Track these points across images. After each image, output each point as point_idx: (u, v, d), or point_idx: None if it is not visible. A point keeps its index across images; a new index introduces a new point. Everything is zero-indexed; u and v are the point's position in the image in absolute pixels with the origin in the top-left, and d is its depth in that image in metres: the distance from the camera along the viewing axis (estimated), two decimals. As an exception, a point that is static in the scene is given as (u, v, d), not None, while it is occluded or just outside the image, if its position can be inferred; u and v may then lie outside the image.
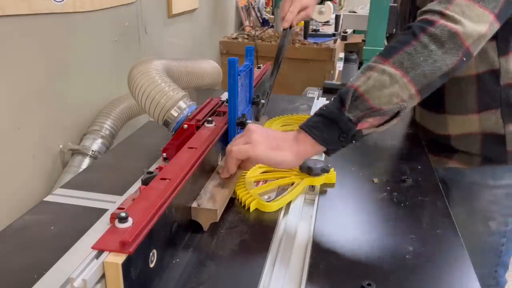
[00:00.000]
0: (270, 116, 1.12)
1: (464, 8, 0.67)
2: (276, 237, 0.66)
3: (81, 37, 1.18)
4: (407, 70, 0.66)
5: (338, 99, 0.68)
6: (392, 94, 0.66)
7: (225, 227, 0.68)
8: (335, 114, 0.67)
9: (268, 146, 0.70)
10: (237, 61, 0.78)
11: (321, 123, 0.68)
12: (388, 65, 0.67)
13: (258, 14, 2.78)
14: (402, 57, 0.66)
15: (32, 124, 1.04)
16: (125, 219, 0.49)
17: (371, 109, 0.66)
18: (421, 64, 0.66)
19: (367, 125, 0.68)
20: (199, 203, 0.66)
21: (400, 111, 0.67)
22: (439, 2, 0.69)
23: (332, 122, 0.67)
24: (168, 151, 0.86)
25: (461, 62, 0.67)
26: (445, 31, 0.66)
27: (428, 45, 0.66)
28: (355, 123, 0.67)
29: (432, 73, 0.66)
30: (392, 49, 0.68)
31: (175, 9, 1.71)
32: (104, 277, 0.45)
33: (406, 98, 0.66)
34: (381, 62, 0.67)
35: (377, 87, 0.66)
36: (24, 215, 0.70)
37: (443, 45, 0.66)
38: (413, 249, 0.64)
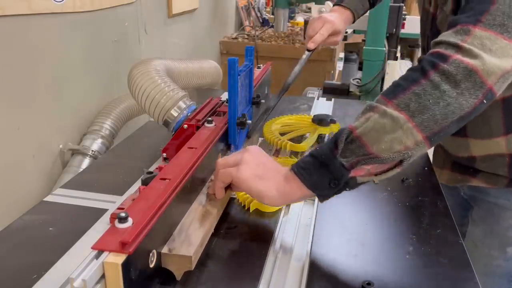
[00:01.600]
0: (270, 116, 1.12)
1: (484, 41, 0.57)
2: (276, 237, 0.66)
3: (81, 37, 1.18)
4: (413, 114, 0.56)
5: (333, 139, 0.60)
6: (394, 140, 0.56)
7: (225, 227, 0.68)
8: (326, 157, 0.59)
9: (255, 172, 0.63)
10: (237, 61, 0.78)
11: (312, 165, 0.60)
12: (391, 106, 0.57)
13: (258, 14, 2.78)
14: (409, 98, 0.57)
15: (32, 124, 1.04)
16: (125, 219, 0.49)
17: (368, 155, 0.57)
18: (430, 107, 0.56)
19: (363, 173, 0.59)
20: (171, 248, 0.56)
21: (403, 160, 0.58)
22: (455, 33, 0.59)
23: (323, 166, 0.59)
24: (168, 151, 0.86)
25: (481, 104, 0.57)
26: (460, 68, 0.56)
27: (440, 85, 0.56)
28: (347, 169, 0.58)
29: (444, 117, 0.56)
30: (398, 88, 0.59)
31: (175, 9, 1.71)
32: (104, 277, 0.45)
33: (411, 145, 0.57)
34: (384, 102, 0.58)
35: (377, 130, 0.57)
36: (24, 215, 0.70)
37: (459, 85, 0.56)
38: (413, 249, 0.64)
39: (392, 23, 1.80)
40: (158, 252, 0.54)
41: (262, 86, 1.15)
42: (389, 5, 1.74)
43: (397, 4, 1.80)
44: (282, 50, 2.24)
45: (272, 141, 0.95)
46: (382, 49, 1.77)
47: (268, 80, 1.29)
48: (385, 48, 1.78)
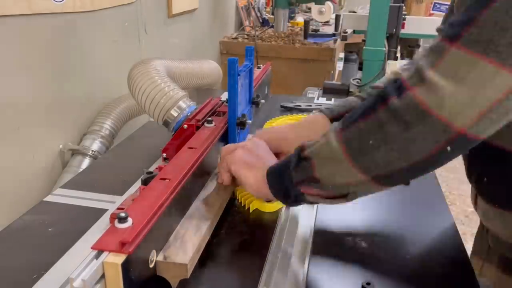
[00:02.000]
0: (270, 116, 1.12)
1: (460, 66, 0.43)
2: (276, 237, 0.66)
3: (81, 37, 1.18)
4: (353, 153, 0.49)
5: (295, 150, 0.57)
6: (337, 172, 0.52)
7: (225, 227, 0.68)
8: (283, 168, 0.58)
9: (245, 158, 0.65)
10: (237, 61, 0.78)
11: (276, 171, 0.60)
12: (338, 137, 0.51)
13: (258, 14, 2.78)
14: (353, 133, 0.50)
15: (32, 124, 1.04)
16: (124, 219, 0.49)
17: (313, 178, 0.53)
18: (370, 150, 0.48)
19: (313, 192, 0.55)
20: (166, 255, 0.54)
21: (347, 194, 0.53)
22: (430, 51, 0.47)
23: (280, 175, 0.58)
24: (168, 151, 0.86)
25: (446, 153, 0.45)
26: (411, 107, 0.45)
27: (384, 126, 0.47)
28: (295, 185, 0.56)
29: (387, 164, 0.48)
30: (353, 115, 0.51)
31: (175, 9, 1.71)
32: (103, 277, 0.45)
33: (354, 183, 0.51)
34: (337, 130, 0.52)
35: (322, 157, 0.53)
36: (24, 215, 0.70)
37: (408, 128, 0.45)
38: (413, 249, 0.64)
39: (392, 23, 1.79)
40: (157, 254, 0.54)
41: (262, 86, 1.15)
42: (389, 5, 1.74)
43: (397, 4, 1.80)
44: (282, 50, 2.24)
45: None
46: (382, 49, 1.77)
47: (268, 80, 1.29)
48: (385, 48, 1.78)
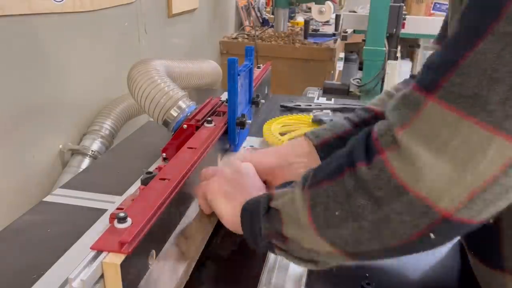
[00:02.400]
0: (270, 116, 1.12)
1: (440, 126, 0.33)
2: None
3: (81, 37, 1.18)
4: (318, 221, 0.41)
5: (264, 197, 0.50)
6: (303, 236, 0.44)
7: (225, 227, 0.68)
8: (255, 211, 0.49)
9: (223, 187, 0.57)
10: (237, 61, 0.78)
11: (249, 211, 0.51)
12: (303, 195, 0.43)
13: (258, 14, 2.78)
14: (318, 196, 0.41)
15: (32, 124, 1.04)
16: (124, 219, 0.49)
17: (281, 235, 0.46)
18: (337, 222, 0.39)
19: (283, 248, 0.47)
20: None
21: (317, 262, 0.45)
22: (405, 100, 0.37)
23: (252, 219, 0.50)
24: (167, 151, 0.86)
25: (424, 240, 0.37)
26: (382, 178, 0.36)
27: (352, 196, 0.38)
28: (263, 237, 0.48)
29: (356, 242, 0.39)
30: (320, 170, 0.43)
31: (175, 9, 1.71)
32: (102, 277, 0.45)
33: (323, 252, 0.43)
34: (302, 184, 0.44)
35: (288, 213, 0.45)
36: (24, 215, 0.70)
37: (381, 205, 0.36)
38: (413, 249, 0.64)
39: (392, 23, 1.79)
40: (156, 254, 0.54)
41: (262, 86, 1.15)
42: (389, 5, 1.74)
43: (397, 4, 1.80)
44: (282, 50, 2.24)
45: (272, 141, 0.95)
46: (382, 49, 1.77)
47: (268, 80, 1.29)
48: (385, 48, 1.78)
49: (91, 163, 1.12)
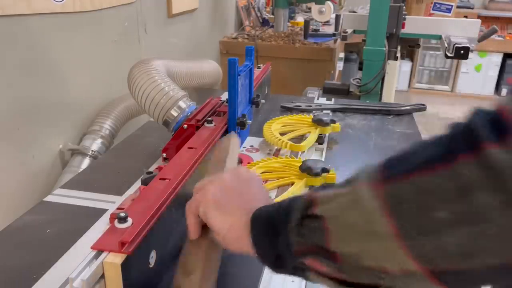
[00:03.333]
0: (270, 116, 1.12)
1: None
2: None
3: (81, 37, 1.18)
4: (404, 225, 0.31)
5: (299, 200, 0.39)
6: (368, 249, 0.33)
7: (225, 227, 0.68)
8: (278, 220, 0.40)
9: (217, 198, 0.48)
10: (237, 61, 0.78)
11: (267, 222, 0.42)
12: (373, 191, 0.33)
13: (258, 14, 2.78)
14: (404, 192, 0.31)
15: (32, 124, 1.04)
16: (124, 219, 0.49)
17: (325, 251, 0.36)
18: (438, 228, 0.30)
19: (323, 271, 0.37)
20: None
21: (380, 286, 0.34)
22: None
23: (274, 232, 0.40)
24: (168, 151, 0.86)
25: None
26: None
27: (471, 191, 0.28)
28: (295, 254, 0.38)
29: (466, 255, 0.29)
30: (405, 159, 0.32)
31: (175, 9, 1.71)
32: (103, 277, 0.45)
33: (398, 271, 0.32)
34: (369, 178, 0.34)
35: (342, 223, 0.35)
36: (24, 215, 0.70)
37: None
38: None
39: (392, 23, 1.79)
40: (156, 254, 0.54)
41: (262, 86, 1.15)
42: (389, 5, 1.74)
43: (397, 4, 1.80)
44: (282, 50, 2.24)
45: (272, 141, 0.95)
46: (382, 49, 1.77)
47: (268, 80, 1.29)
48: (385, 48, 1.78)
49: (91, 163, 1.12)
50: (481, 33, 1.89)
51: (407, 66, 4.41)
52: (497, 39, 4.10)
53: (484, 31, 1.89)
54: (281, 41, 2.30)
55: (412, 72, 4.45)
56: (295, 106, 1.21)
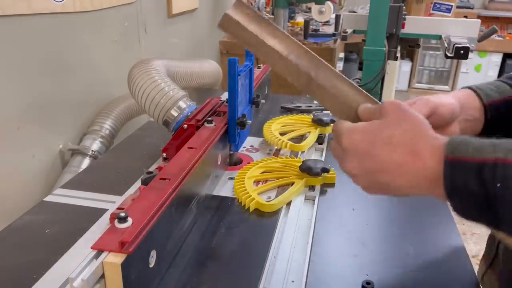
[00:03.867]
0: (270, 116, 1.12)
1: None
2: (276, 237, 0.66)
3: (81, 37, 1.18)
4: None
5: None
6: None
7: (225, 227, 0.68)
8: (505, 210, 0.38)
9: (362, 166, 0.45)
10: (237, 61, 0.78)
11: (472, 198, 0.39)
12: None
13: (258, 14, 2.78)
14: None
15: (32, 124, 1.04)
16: (124, 219, 0.49)
17: None
18: None
19: None
20: None
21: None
22: None
23: (489, 208, 0.39)
24: (168, 151, 0.86)
25: None
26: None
27: None
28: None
29: None
30: None
31: (175, 9, 1.71)
32: (103, 277, 0.45)
33: None
34: None
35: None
36: (24, 215, 0.70)
37: None
38: (413, 249, 0.64)
39: (392, 23, 1.80)
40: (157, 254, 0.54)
41: (262, 86, 1.15)
42: (389, 5, 1.74)
43: (397, 4, 1.80)
44: (282, 50, 2.24)
45: (272, 141, 0.95)
46: (382, 49, 1.77)
47: (268, 80, 1.29)
48: (385, 48, 1.78)
49: (91, 163, 1.12)
50: (481, 33, 1.89)
51: (407, 66, 4.41)
52: (497, 39, 4.10)
53: (484, 31, 1.89)
54: (281, 41, 2.30)
55: (412, 72, 4.45)
56: (295, 107, 1.21)
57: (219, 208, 0.73)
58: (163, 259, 0.56)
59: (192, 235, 0.66)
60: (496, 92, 0.60)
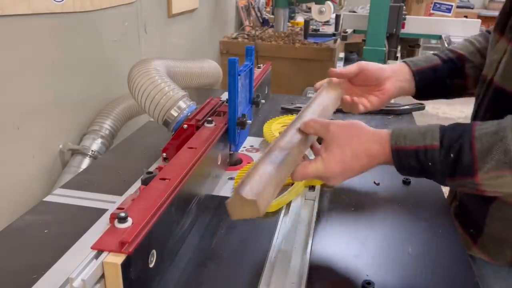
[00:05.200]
0: (270, 116, 1.12)
1: None
2: (276, 237, 0.66)
3: (81, 37, 1.18)
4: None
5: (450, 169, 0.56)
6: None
7: (225, 227, 0.68)
8: (434, 171, 0.58)
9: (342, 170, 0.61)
10: (237, 61, 0.78)
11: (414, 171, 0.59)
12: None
13: (258, 14, 2.78)
14: None
15: (32, 124, 1.04)
16: (124, 219, 0.49)
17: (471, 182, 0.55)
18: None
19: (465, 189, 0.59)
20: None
21: None
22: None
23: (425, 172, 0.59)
24: (168, 151, 0.86)
25: None
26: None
27: None
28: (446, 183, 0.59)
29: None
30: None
31: (175, 9, 1.71)
32: (103, 277, 0.45)
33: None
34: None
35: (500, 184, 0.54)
36: (24, 215, 0.70)
37: None
38: (413, 249, 0.64)
39: (392, 23, 1.80)
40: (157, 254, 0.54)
41: (262, 86, 1.15)
42: (389, 5, 1.74)
43: (397, 4, 1.80)
44: (282, 50, 2.24)
45: (272, 141, 0.95)
46: (382, 49, 1.77)
47: (268, 80, 1.29)
48: (385, 48, 1.78)
49: (91, 163, 1.12)
50: (481, 33, 1.89)
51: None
52: (497, 39, 4.10)
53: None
54: (281, 41, 2.30)
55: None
56: (295, 108, 1.21)
57: (219, 208, 0.73)
58: (163, 259, 0.56)
59: (192, 235, 0.66)
60: (424, 62, 0.82)
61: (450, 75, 0.81)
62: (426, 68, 0.80)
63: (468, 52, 0.82)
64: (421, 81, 0.80)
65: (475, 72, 0.80)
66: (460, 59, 0.82)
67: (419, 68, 0.80)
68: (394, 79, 0.78)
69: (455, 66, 0.81)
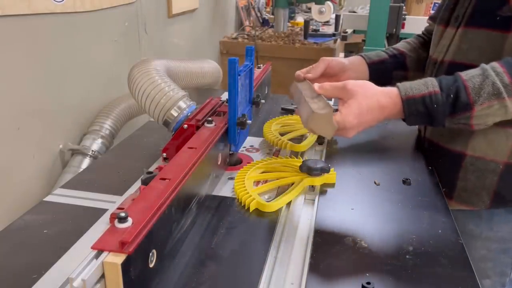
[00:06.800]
0: (270, 116, 1.12)
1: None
2: (276, 237, 0.66)
3: (81, 37, 1.18)
4: None
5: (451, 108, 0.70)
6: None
7: (225, 227, 0.68)
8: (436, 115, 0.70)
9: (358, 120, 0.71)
10: (237, 61, 0.78)
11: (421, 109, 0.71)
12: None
13: (258, 14, 2.78)
14: None
15: (32, 124, 1.04)
16: (124, 219, 0.49)
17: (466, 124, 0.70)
18: None
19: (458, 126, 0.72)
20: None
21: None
22: None
23: (428, 116, 0.71)
24: (168, 151, 0.86)
25: None
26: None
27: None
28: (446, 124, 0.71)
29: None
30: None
31: (175, 9, 1.71)
32: (103, 277, 0.45)
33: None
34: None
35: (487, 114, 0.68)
36: (24, 215, 0.70)
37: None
38: (413, 249, 0.64)
39: (392, 23, 1.80)
40: (157, 254, 0.54)
41: (262, 86, 1.15)
42: (389, 5, 1.74)
43: (397, 4, 1.80)
44: (282, 50, 2.25)
45: (272, 141, 0.95)
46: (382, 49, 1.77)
47: (268, 80, 1.29)
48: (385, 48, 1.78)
49: (91, 163, 1.12)
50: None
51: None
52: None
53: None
54: (281, 41, 2.30)
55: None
56: (295, 108, 1.21)
57: (219, 208, 0.73)
58: (163, 259, 0.56)
59: (192, 235, 0.66)
60: (375, 56, 1.03)
61: (395, 67, 1.03)
62: (378, 62, 1.01)
63: (407, 49, 1.04)
64: (373, 72, 1.00)
65: (414, 65, 1.03)
66: (402, 54, 1.04)
67: (373, 61, 1.01)
68: (352, 70, 0.97)
69: (398, 60, 1.03)
